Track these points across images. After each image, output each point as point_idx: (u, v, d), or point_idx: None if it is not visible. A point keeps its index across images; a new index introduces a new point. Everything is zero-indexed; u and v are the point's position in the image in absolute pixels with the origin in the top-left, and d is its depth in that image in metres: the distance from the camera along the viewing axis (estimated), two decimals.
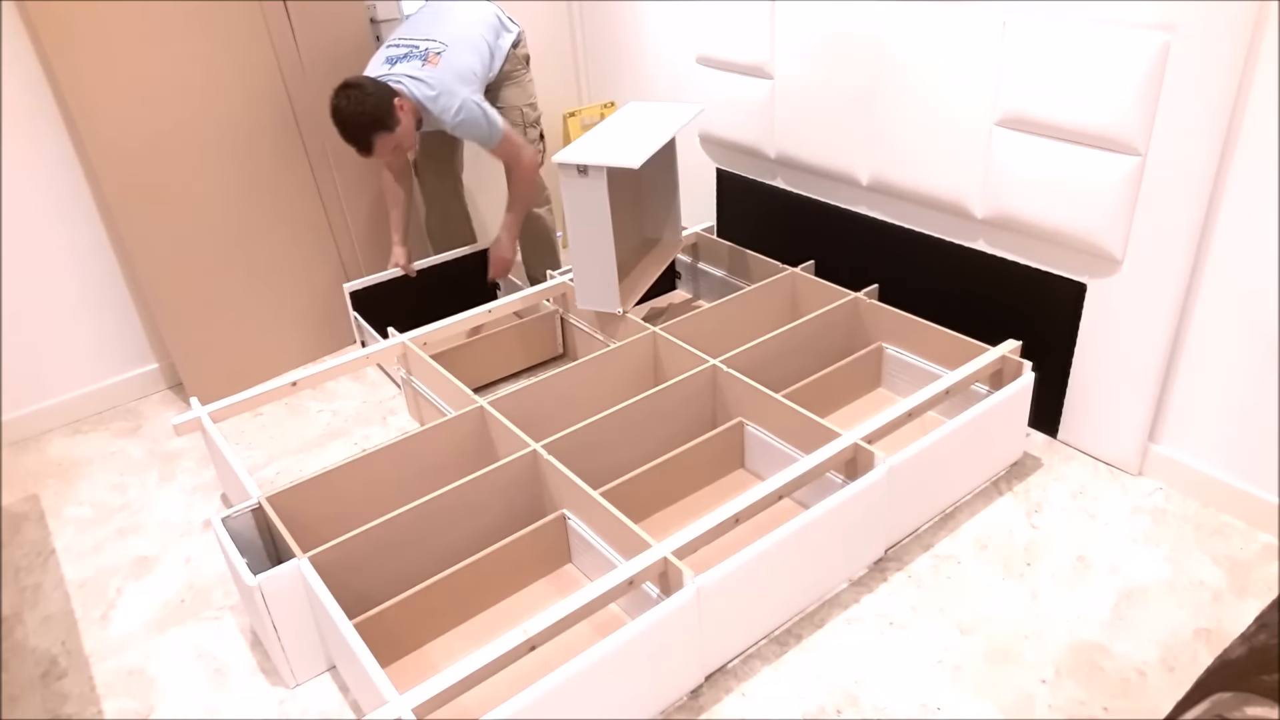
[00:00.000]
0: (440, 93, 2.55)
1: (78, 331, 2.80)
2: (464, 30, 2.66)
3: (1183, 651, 1.80)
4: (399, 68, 2.58)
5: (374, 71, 2.60)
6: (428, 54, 2.60)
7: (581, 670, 1.55)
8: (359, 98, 2.44)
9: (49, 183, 2.62)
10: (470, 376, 2.67)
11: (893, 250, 2.62)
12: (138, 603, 2.14)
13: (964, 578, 2.01)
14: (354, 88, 2.45)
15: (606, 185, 2.35)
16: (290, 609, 1.79)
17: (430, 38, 2.63)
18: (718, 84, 2.91)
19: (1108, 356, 2.20)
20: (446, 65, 2.58)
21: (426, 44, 2.62)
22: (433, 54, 2.60)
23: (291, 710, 1.84)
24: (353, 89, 2.45)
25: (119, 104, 2.53)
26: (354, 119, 2.46)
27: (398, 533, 1.91)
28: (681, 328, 2.53)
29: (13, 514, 2.47)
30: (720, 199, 3.18)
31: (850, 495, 1.88)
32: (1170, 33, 1.82)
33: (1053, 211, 2.14)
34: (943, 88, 2.26)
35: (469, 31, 2.67)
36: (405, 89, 2.54)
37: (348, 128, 2.48)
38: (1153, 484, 2.22)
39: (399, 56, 2.61)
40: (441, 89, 2.55)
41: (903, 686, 1.78)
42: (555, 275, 2.83)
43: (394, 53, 2.63)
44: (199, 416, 2.26)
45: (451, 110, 2.56)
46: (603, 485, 2.05)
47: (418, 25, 2.70)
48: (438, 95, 2.55)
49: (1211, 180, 1.88)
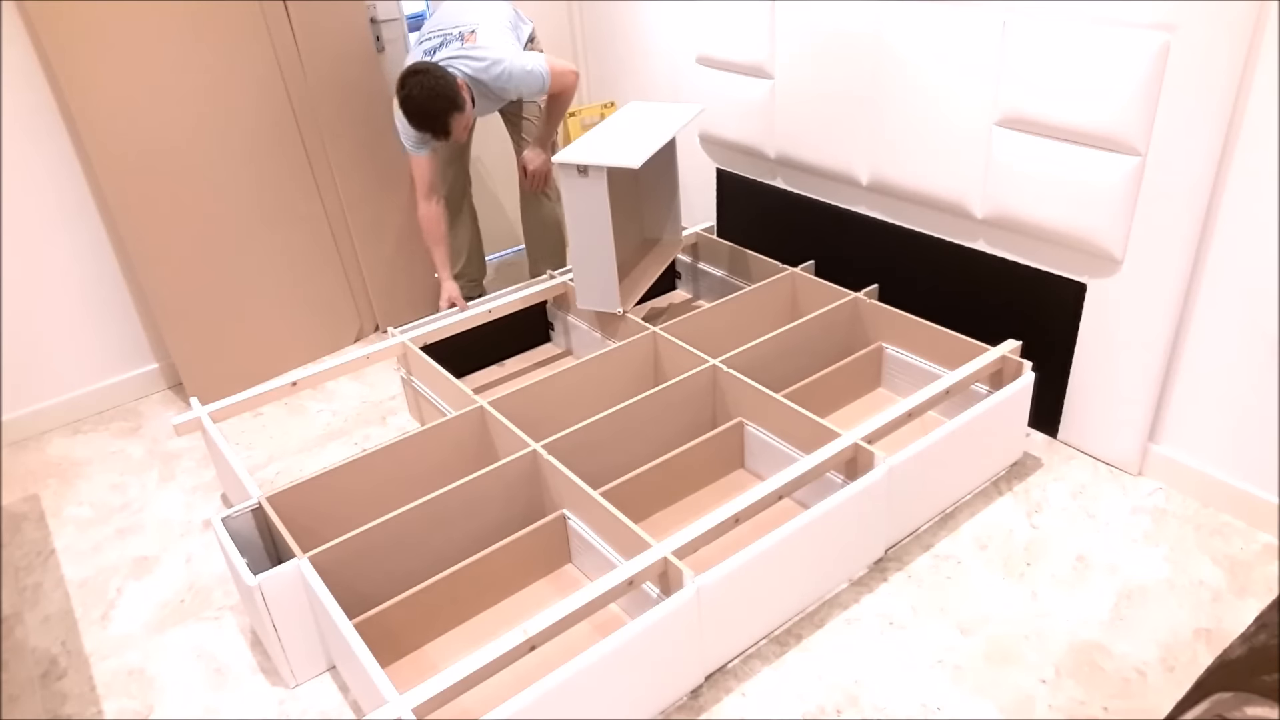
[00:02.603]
0: (490, 61, 2.58)
1: (78, 331, 2.80)
2: (490, 13, 2.70)
3: (1183, 651, 1.80)
4: (440, 54, 2.60)
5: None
6: (463, 35, 2.63)
7: (581, 670, 1.55)
8: (430, 81, 2.44)
9: (49, 183, 2.62)
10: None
11: (893, 250, 2.62)
12: (138, 603, 2.14)
13: (964, 578, 2.01)
14: (421, 73, 2.45)
15: (606, 185, 2.35)
16: (290, 609, 1.79)
17: (459, 23, 2.66)
18: (718, 84, 2.91)
19: (1108, 356, 2.20)
20: (485, 38, 2.61)
21: (458, 28, 2.65)
22: (468, 33, 2.63)
23: (291, 710, 1.84)
24: (421, 74, 2.45)
25: (119, 104, 2.53)
26: (431, 102, 2.45)
27: (398, 533, 1.91)
28: (681, 328, 2.53)
29: (13, 514, 2.47)
30: (720, 199, 3.18)
31: (850, 495, 1.88)
32: (1170, 33, 1.82)
33: (1053, 211, 2.14)
34: (943, 88, 2.26)
35: (495, 14, 2.71)
36: (457, 70, 2.56)
37: (426, 112, 2.47)
38: (1153, 484, 2.22)
39: (435, 47, 2.63)
40: (490, 58, 2.58)
41: (903, 686, 1.78)
42: (555, 275, 2.83)
43: (429, 45, 2.65)
44: (199, 416, 2.26)
45: (507, 73, 2.58)
46: (603, 485, 2.05)
47: (442, 19, 2.71)
48: (488, 64, 2.58)
49: (1211, 180, 1.88)
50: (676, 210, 2.89)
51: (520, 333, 2.92)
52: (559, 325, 2.93)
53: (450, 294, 2.77)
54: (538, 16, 3.45)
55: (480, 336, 2.78)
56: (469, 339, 2.75)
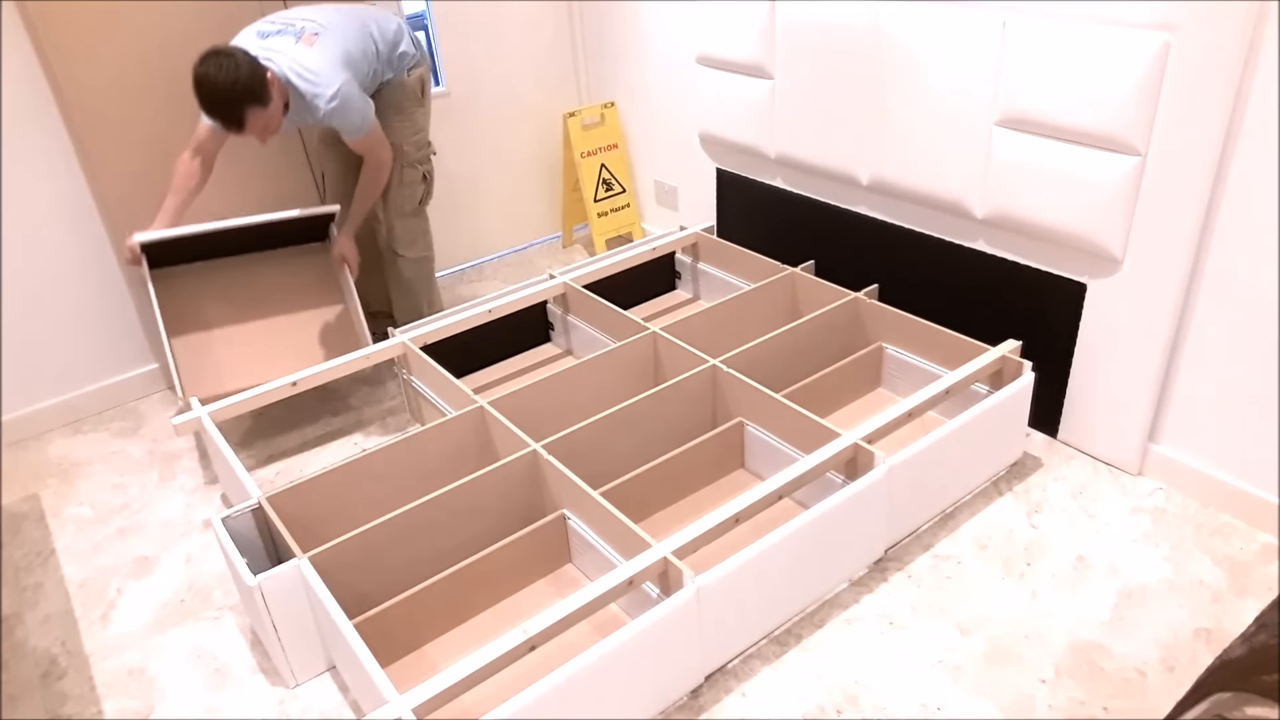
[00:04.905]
0: (314, 75, 2.35)
1: (78, 331, 2.80)
2: (348, 19, 2.47)
3: (1183, 651, 1.80)
4: (270, 42, 2.37)
5: (242, 44, 2.37)
6: (303, 33, 2.39)
7: (581, 670, 1.55)
8: (231, 66, 2.22)
9: (49, 183, 2.62)
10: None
11: (893, 250, 2.62)
12: (138, 603, 2.14)
13: (964, 578, 2.01)
14: (224, 55, 2.24)
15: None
16: (290, 609, 1.79)
17: (308, 19, 2.44)
18: (718, 84, 2.91)
19: (1108, 356, 2.20)
20: (323, 47, 2.38)
21: (304, 24, 2.42)
22: (309, 34, 2.39)
23: (291, 710, 1.84)
24: (222, 57, 2.23)
25: (119, 105, 2.53)
26: (227, 89, 2.22)
27: (398, 533, 1.91)
28: (681, 328, 2.53)
29: (13, 514, 2.47)
30: (720, 199, 3.18)
31: (850, 495, 1.88)
32: (1170, 33, 1.82)
33: (1053, 211, 2.14)
34: (943, 87, 2.26)
35: (353, 21, 2.48)
36: (275, 66, 2.33)
37: (219, 98, 2.24)
38: (1153, 484, 2.22)
39: (271, 32, 2.40)
40: (316, 71, 2.35)
41: (903, 686, 1.78)
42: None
43: (266, 28, 2.42)
44: (199, 416, 2.26)
45: (326, 95, 2.35)
46: (603, 485, 2.05)
47: (299, 9, 2.50)
48: (310, 77, 2.35)
49: (1211, 180, 1.88)
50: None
51: (520, 333, 2.92)
52: (559, 325, 2.93)
53: (129, 243, 2.45)
54: (538, 17, 3.47)
55: (480, 336, 2.78)
56: (469, 339, 2.75)
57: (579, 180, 3.55)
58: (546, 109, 3.64)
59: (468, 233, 3.63)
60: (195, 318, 2.61)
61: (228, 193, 2.76)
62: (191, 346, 2.57)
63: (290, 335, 2.69)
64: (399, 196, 2.76)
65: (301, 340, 2.69)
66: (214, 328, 2.62)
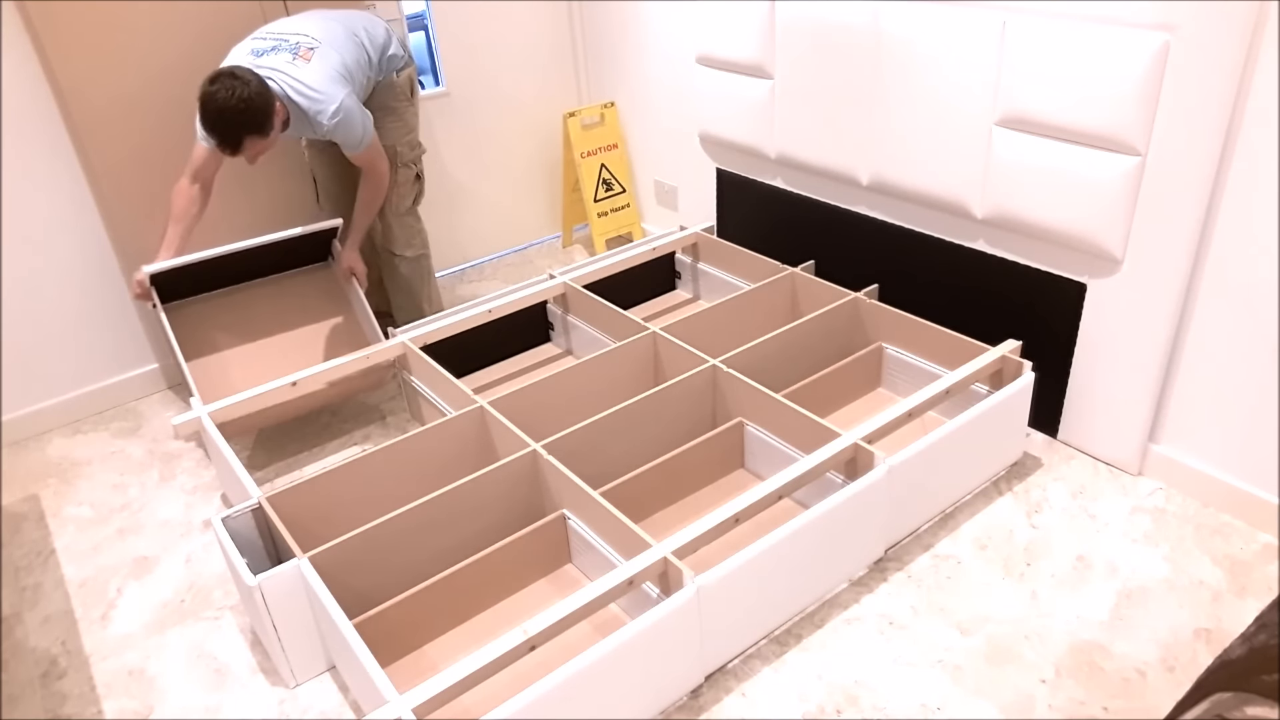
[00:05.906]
0: (315, 92, 2.35)
1: (78, 331, 2.80)
2: (340, 30, 2.48)
3: (1183, 651, 1.80)
4: (266, 60, 2.36)
5: (237, 63, 2.36)
6: (299, 48, 2.39)
7: (581, 670, 1.55)
8: (241, 91, 2.22)
9: (49, 183, 2.62)
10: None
11: (893, 250, 2.62)
12: (138, 603, 2.14)
13: (964, 578, 2.01)
14: (235, 78, 2.23)
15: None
16: (290, 609, 1.79)
17: (302, 33, 2.43)
18: (718, 84, 2.91)
19: (1108, 356, 2.20)
20: (321, 62, 2.38)
21: (298, 38, 2.41)
22: (305, 49, 2.39)
23: (291, 710, 1.84)
24: (235, 80, 2.23)
25: (120, 105, 2.53)
26: (232, 113, 2.23)
27: (398, 533, 1.91)
28: (681, 328, 2.53)
29: (13, 514, 2.47)
30: (720, 199, 3.18)
31: (850, 495, 1.88)
32: (1170, 33, 1.82)
33: (1053, 211, 2.14)
34: (942, 88, 2.26)
35: (344, 31, 2.49)
36: (275, 86, 2.34)
37: (223, 120, 2.24)
38: (1153, 484, 2.22)
39: (265, 49, 2.39)
40: (316, 88, 2.35)
41: (903, 686, 1.78)
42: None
43: (260, 45, 2.40)
44: (199, 416, 2.26)
45: (328, 111, 2.36)
46: (603, 485, 2.05)
47: (289, 22, 2.49)
48: (311, 94, 2.35)
49: (1211, 180, 1.88)
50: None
51: (520, 333, 2.92)
52: (559, 325, 2.93)
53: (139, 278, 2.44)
54: (537, 17, 3.47)
55: (480, 336, 2.78)
56: (469, 339, 2.75)
57: (579, 180, 3.55)
58: (546, 109, 3.64)
59: (468, 233, 3.63)
60: (208, 343, 2.61)
61: (228, 194, 2.75)
62: (208, 369, 2.57)
63: (304, 352, 2.70)
64: (394, 196, 2.76)
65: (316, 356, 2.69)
66: (227, 349, 2.63)
